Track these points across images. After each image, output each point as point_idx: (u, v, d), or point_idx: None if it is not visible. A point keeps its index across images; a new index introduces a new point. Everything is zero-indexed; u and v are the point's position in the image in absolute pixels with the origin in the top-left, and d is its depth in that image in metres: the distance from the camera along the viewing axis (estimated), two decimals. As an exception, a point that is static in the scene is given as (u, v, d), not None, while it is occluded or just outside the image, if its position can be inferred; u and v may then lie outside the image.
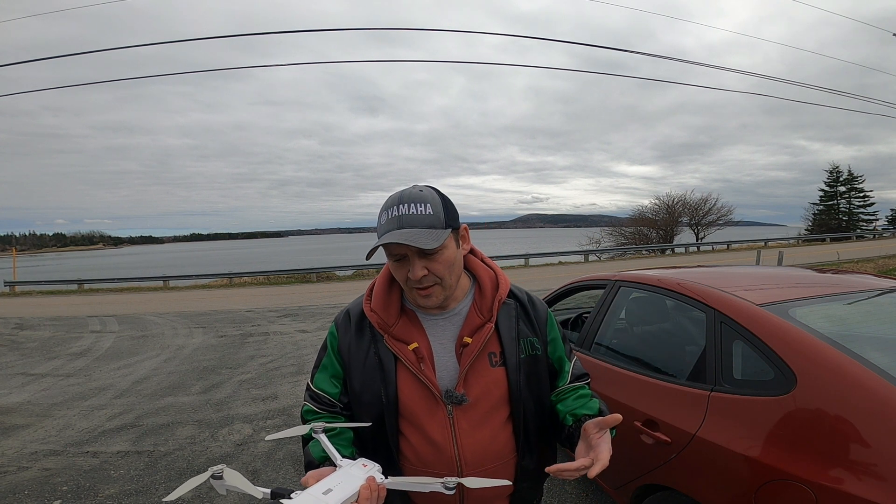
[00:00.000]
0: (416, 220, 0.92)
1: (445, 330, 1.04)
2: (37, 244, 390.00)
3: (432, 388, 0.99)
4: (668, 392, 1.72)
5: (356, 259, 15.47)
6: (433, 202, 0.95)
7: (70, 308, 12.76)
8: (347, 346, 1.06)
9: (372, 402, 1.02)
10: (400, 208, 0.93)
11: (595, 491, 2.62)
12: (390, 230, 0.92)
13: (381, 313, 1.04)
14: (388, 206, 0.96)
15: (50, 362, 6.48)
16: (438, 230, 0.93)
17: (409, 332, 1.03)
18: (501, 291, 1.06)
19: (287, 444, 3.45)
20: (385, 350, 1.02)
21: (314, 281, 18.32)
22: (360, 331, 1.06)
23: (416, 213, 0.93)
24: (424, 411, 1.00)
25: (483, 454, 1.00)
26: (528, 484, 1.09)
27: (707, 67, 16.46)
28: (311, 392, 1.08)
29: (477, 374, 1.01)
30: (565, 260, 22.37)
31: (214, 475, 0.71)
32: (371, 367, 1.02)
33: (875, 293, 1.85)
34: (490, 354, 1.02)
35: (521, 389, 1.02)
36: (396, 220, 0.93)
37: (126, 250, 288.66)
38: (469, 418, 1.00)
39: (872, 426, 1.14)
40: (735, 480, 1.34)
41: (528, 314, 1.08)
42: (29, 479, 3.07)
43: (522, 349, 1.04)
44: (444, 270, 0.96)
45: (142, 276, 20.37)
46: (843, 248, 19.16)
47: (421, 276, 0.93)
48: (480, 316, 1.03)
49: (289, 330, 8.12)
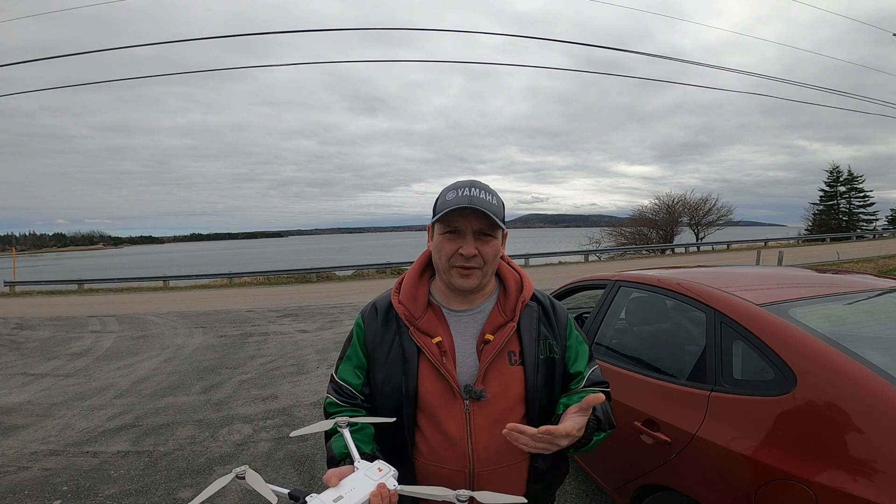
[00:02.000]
0: (485, 204, 0.99)
1: (469, 326, 1.07)
2: (37, 244, 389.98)
3: (452, 382, 1.00)
4: (668, 392, 1.72)
5: (356, 259, 15.47)
6: (498, 198, 1.04)
7: (70, 308, 12.75)
8: (373, 337, 1.08)
9: (392, 393, 1.03)
10: (472, 190, 1.00)
11: (595, 491, 2.62)
12: (461, 204, 0.98)
13: (408, 305, 1.07)
14: (458, 187, 1.02)
15: (50, 362, 6.48)
16: (499, 219, 1.01)
17: (433, 325, 1.05)
18: (525, 293, 1.10)
19: (287, 444, 3.45)
20: (409, 342, 1.04)
21: (314, 281, 18.32)
22: (385, 322, 1.09)
23: (487, 199, 1.00)
24: (442, 405, 1.01)
25: (496, 452, 1.01)
26: (541, 486, 1.09)
27: (705, 67, 16.48)
28: (335, 384, 1.10)
29: (496, 372, 1.02)
30: (565, 260, 22.38)
31: (238, 476, 0.74)
32: (394, 359, 1.04)
33: (875, 293, 1.85)
34: (510, 353, 1.04)
35: (537, 389, 1.03)
36: (468, 198, 0.99)
37: (126, 250, 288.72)
38: (485, 415, 1.01)
39: (872, 426, 1.14)
40: (735, 480, 1.34)
41: (549, 318, 1.11)
42: (29, 479, 3.07)
43: (542, 350, 1.06)
44: (490, 257, 1.01)
45: (142, 276, 20.36)
46: (843, 248, 19.16)
47: (472, 253, 0.99)
48: (503, 315, 1.06)
49: (289, 330, 8.12)
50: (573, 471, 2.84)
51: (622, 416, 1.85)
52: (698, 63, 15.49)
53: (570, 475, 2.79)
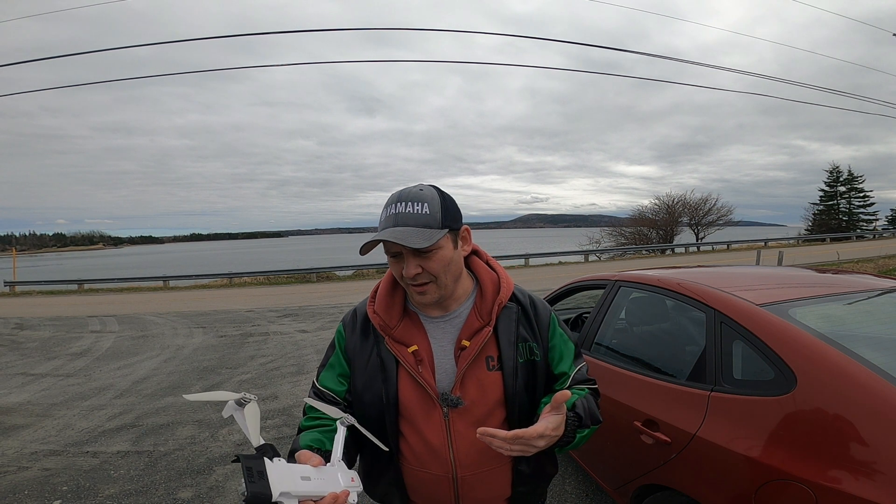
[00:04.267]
0: (410, 219, 0.93)
1: (446, 332, 1.05)
2: (37, 244, 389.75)
3: (429, 391, 1.00)
4: (668, 392, 1.72)
5: (356, 259, 15.45)
6: (431, 202, 0.95)
7: (70, 308, 12.75)
8: (353, 346, 1.07)
9: (373, 402, 1.03)
10: (397, 206, 0.94)
11: (595, 491, 2.62)
12: (386, 227, 0.94)
13: (383, 315, 1.05)
14: (387, 204, 0.97)
15: (50, 362, 6.48)
16: (433, 230, 0.93)
17: (409, 334, 1.03)
18: (502, 295, 1.06)
19: (288, 445, 3.45)
20: (386, 352, 1.03)
21: (314, 281, 18.32)
22: (364, 331, 1.07)
23: (412, 212, 0.93)
24: (422, 413, 1.00)
25: (477, 456, 1.00)
26: (526, 488, 1.08)
27: (702, 67, 16.47)
28: (315, 389, 1.09)
29: (473, 378, 1.01)
30: (565, 260, 22.37)
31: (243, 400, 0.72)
32: (374, 368, 1.03)
33: (875, 293, 1.85)
34: (488, 358, 1.02)
35: (517, 394, 1.02)
36: (393, 217, 0.94)
37: (126, 250, 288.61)
38: (465, 421, 1.00)
39: (872, 426, 1.14)
40: (735, 480, 1.34)
41: (529, 319, 1.07)
42: (29, 479, 3.07)
43: (521, 354, 1.03)
44: (438, 269, 0.96)
45: (142, 276, 20.36)
46: (843, 248, 19.15)
47: (414, 273, 0.94)
48: (480, 319, 1.03)
49: (289, 330, 8.12)
50: (573, 471, 2.84)
51: (622, 416, 1.85)
52: (696, 63, 15.49)
53: (570, 475, 2.79)
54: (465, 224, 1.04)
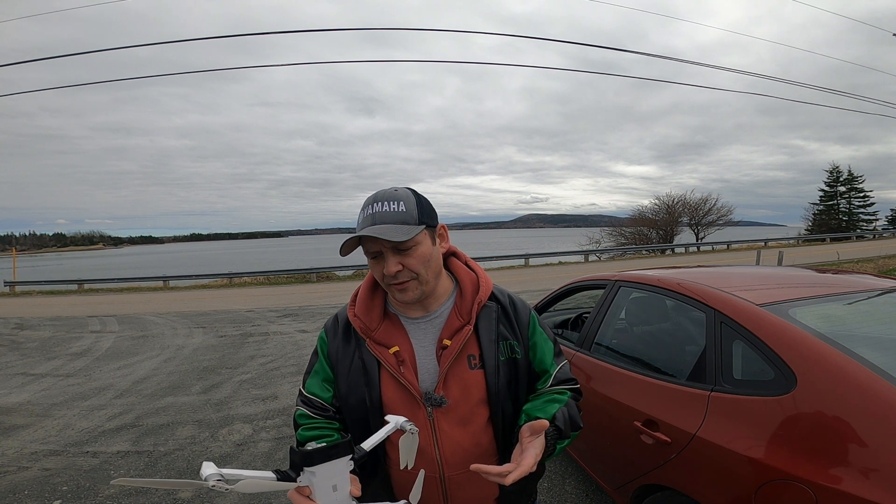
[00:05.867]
0: (388, 217, 0.95)
1: (427, 333, 1.05)
2: (37, 244, 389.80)
3: (412, 391, 1.00)
4: (668, 392, 1.72)
5: (356, 259, 15.46)
6: (406, 200, 0.97)
7: (70, 308, 12.75)
8: (335, 351, 1.08)
9: (358, 405, 1.03)
10: (374, 206, 0.96)
11: (595, 491, 2.62)
12: (364, 227, 0.95)
13: (363, 318, 1.06)
14: (364, 206, 0.99)
15: (50, 362, 6.48)
16: (410, 225, 0.95)
17: (390, 335, 1.04)
18: (482, 294, 1.07)
19: (288, 445, 3.45)
20: (368, 354, 1.04)
21: (314, 281, 18.33)
22: (346, 335, 1.08)
23: (390, 210, 0.95)
24: (406, 413, 1.00)
25: (463, 455, 1.01)
26: (514, 488, 1.07)
27: (701, 67, 16.47)
28: (303, 397, 1.09)
29: (456, 377, 1.01)
30: (565, 260, 22.36)
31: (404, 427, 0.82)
32: (356, 371, 1.04)
33: (875, 293, 1.85)
34: (469, 357, 1.03)
35: (499, 392, 1.02)
36: (370, 217, 0.96)
37: (126, 250, 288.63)
38: (449, 420, 1.01)
39: (872, 426, 1.14)
40: (735, 480, 1.34)
41: (508, 317, 1.08)
42: (29, 479, 3.07)
43: (502, 352, 1.04)
44: (418, 265, 0.97)
45: (142, 276, 20.36)
46: (843, 248, 19.16)
47: (395, 270, 0.95)
48: (460, 318, 1.04)
49: (289, 330, 8.13)
50: (573, 471, 2.84)
51: (622, 416, 1.85)
52: (694, 63, 15.50)
53: (570, 475, 2.80)
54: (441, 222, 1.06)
